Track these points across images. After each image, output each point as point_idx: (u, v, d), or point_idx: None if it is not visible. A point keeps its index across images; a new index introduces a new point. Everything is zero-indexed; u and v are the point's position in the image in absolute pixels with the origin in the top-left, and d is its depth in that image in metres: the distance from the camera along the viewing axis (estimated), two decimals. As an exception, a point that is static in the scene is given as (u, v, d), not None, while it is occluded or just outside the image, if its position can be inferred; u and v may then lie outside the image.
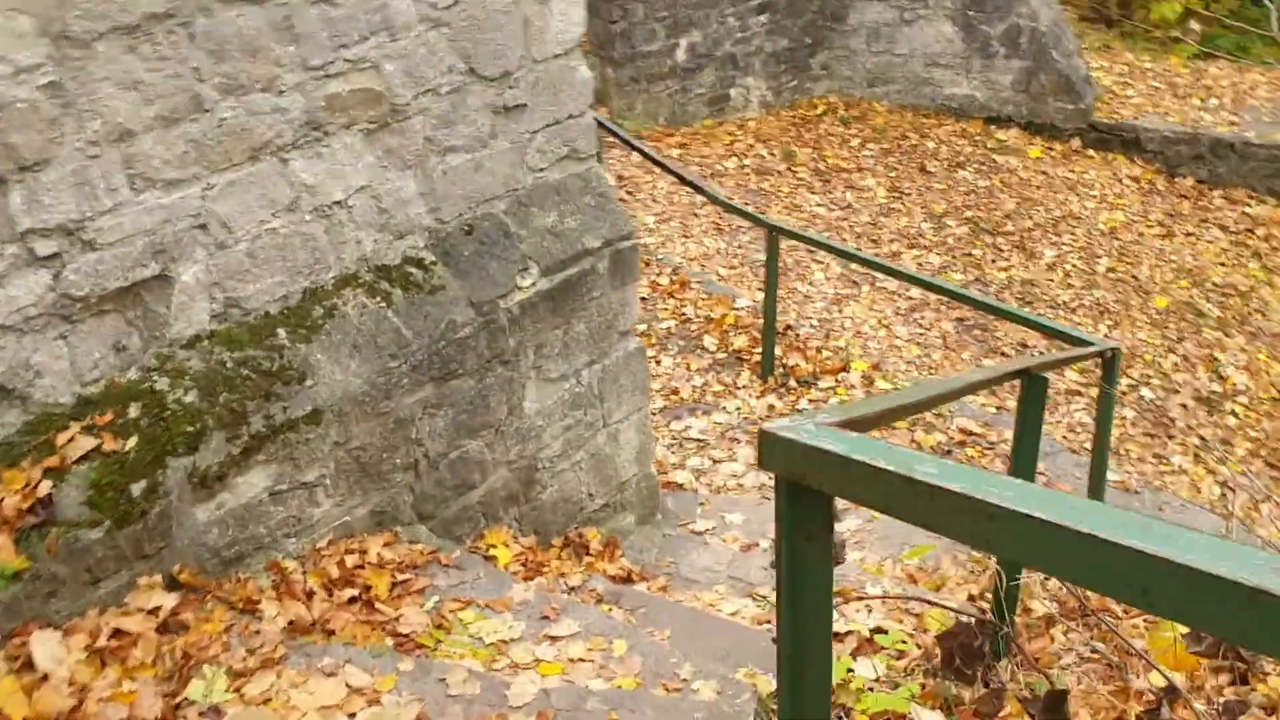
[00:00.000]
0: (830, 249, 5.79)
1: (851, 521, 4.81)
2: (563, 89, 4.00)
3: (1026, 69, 11.73)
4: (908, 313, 9.47)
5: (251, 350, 3.34)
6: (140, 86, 3.01)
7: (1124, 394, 8.84)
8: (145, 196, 3.10)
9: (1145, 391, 8.83)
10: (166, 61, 3.04)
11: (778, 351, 6.18)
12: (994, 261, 10.16)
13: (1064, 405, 8.26)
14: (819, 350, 6.34)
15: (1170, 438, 8.45)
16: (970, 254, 10.24)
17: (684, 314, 6.77)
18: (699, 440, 5.71)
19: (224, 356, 3.30)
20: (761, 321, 6.65)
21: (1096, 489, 4.39)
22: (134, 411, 3.14)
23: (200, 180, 3.20)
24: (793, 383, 6.08)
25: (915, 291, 9.77)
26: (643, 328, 6.72)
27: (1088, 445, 7.53)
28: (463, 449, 3.86)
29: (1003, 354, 9.06)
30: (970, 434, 5.60)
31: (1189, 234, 10.76)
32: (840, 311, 9.48)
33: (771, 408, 5.87)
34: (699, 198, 10.96)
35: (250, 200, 3.30)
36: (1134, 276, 10.03)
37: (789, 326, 6.59)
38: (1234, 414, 8.65)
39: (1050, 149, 11.79)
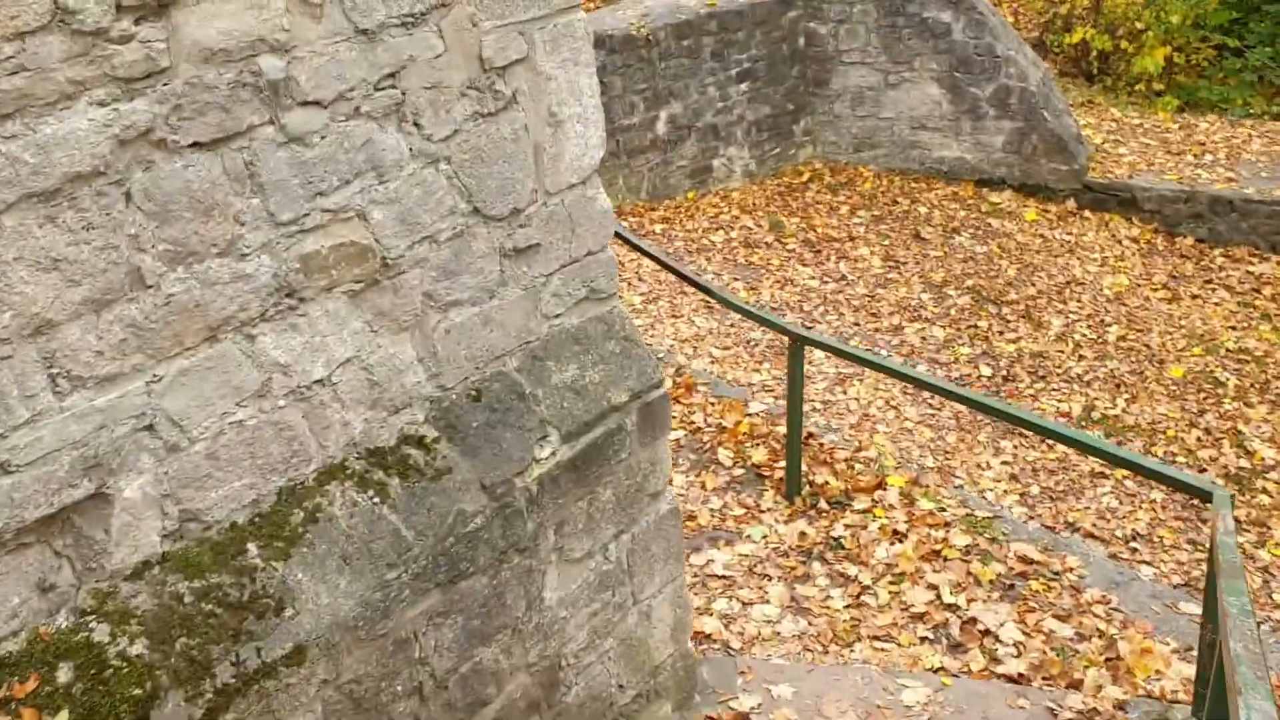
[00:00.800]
0: (869, 364, 5.15)
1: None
2: (581, 223, 3.33)
3: (1018, 130, 11.22)
4: (915, 392, 8.84)
5: (215, 576, 2.63)
6: (62, 265, 2.31)
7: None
8: (73, 400, 2.40)
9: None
10: (96, 231, 2.35)
11: (803, 467, 5.51)
12: (1001, 333, 9.58)
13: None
14: (849, 464, 5.68)
15: (1203, 522, 7.84)
16: (975, 325, 9.65)
17: (693, 422, 6.11)
18: (724, 577, 5.02)
19: (180, 588, 2.59)
20: (780, 429, 5.98)
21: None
22: (64, 674, 2.41)
23: (144, 372, 2.50)
24: (823, 503, 5.41)
25: (920, 368, 9.17)
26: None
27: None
28: (475, 660, 3.15)
29: (1021, 435, 8.45)
30: (1031, 562, 4.95)
31: (1195, 296, 10.23)
32: (844, 393, 8.85)
33: (803, 535, 5.20)
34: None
35: (208, 390, 2.61)
36: (1145, 345, 9.47)
37: (810, 434, 5.93)
38: (1265, 491, 8.06)
39: (1045, 211, 11.28)
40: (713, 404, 6.26)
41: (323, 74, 2.64)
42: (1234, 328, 9.78)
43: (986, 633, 4.56)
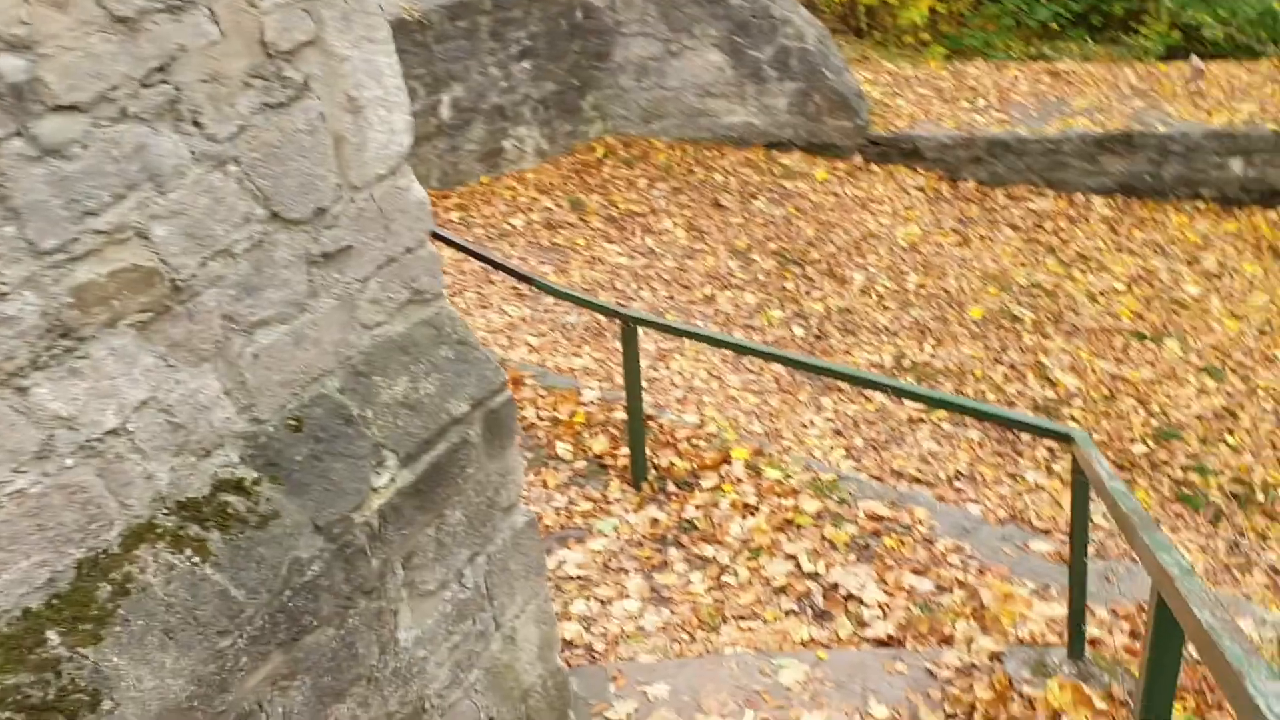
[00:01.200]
0: (704, 338, 4.95)
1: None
2: (394, 218, 2.98)
3: (800, 90, 11.30)
4: (735, 360, 8.79)
5: (11, 676, 2.19)
6: None
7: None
8: None
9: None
10: None
11: (646, 451, 5.29)
12: (808, 293, 9.63)
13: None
14: (691, 442, 5.50)
15: (1019, 454, 8.07)
16: (784, 288, 9.67)
17: (525, 418, 5.81)
18: (579, 578, 4.75)
19: (-34, 699, 2.15)
20: (616, 415, 5.75)
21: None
22: None
23: (-112, 449, 2.05)
24: (671, 486, 5.21)
25: (736, 335, 9.12)
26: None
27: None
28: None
29: (839, 390, 8.50)
30: (880, 519, 4.88)
31: (983, 237, 10.55)
32: (667, 368, 8.71)
33: (655, 522, 4.99)
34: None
35: (-25, 460, 2.16)
36: (944, 290, 9.69)
37: (649, 417, 5.72)
38: (1073, 419, 8.36)
39: (835, 169, 11.42)
40: (543, 396, 5.97)
41: (77, 72, 2.20)
42: (1023, 264, 10.12)
43: (850, 597, 4.46)
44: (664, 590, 4.63)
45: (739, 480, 5.15)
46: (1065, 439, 3.49)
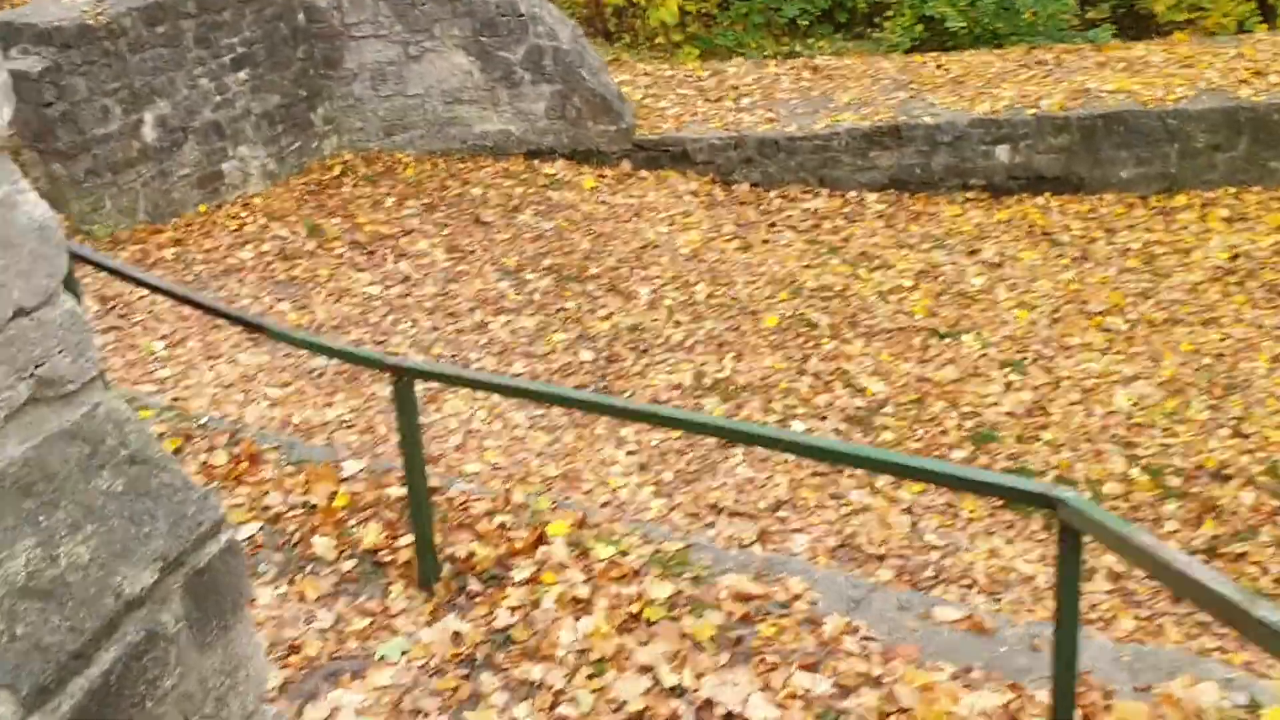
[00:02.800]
0: (503, 389, 3.66)
1: None
2: (-16, 255, 1.61)
3: (559, 93, 10.17)
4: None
5: None
6: None
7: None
8: None
9: (796, 424, 7.55)
10: None
11: (435, 538, 3.98)
12: (592, 312, 8.49)
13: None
14: (491, 517, 4.21)
15: (840, 472, 7.21)
16: (564, 308, 8.49)
17: (269, 507, 4.37)
18: (363, 731, 3.40)
19: None
20: (391, 491, 4.39)
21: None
22: None
23: None
24: (473, 584, 3.91)
25: (518, 366, 7.88)
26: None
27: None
28: None
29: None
30: (749, 598, 3.76)
31: (765, 241, 9.72)
32: (439, 411, 7.37)
33: (457, 637, 3.68)
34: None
35: None
36: (734, 298, 8.78)
37: (433, 489, 4.41)
38: (887, 428, 7.59)
39: (603, 176, 10.34)
40: (291, 475, 4.54)
41: None
42: (809, 267, 9.35)
43: (730, 716, 3.32)
44: (482, 737, 3.35)
45: (563, 566, 3.92)
46: (1050, 504, 2.47)
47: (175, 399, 7.39)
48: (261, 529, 4.30)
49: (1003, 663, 3.46)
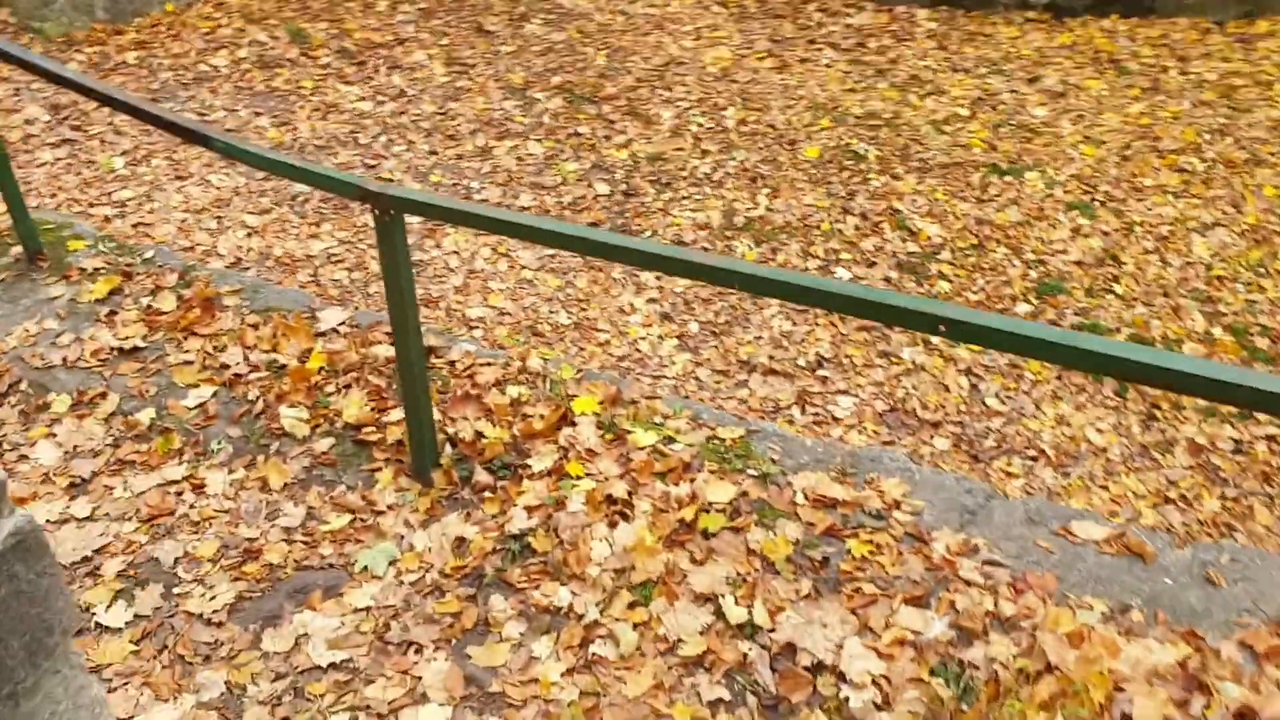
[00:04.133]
0: (505, 226, 2.67)
1: None
2: None
3: (573, -118, 8.80)
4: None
5: None
6: None
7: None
8: None
9: (840, 271, 6.60)
10: None
11: (435, 414, 3.07)
12: (608, 138, 7.41)
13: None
14: (502, 388, 3.30)
15: (890, 328, 6.31)
16: (577, 133, 7.40)
17: (226, 366, 3.46)
18: (336, 667, 2.57)
19: None
20: (380, 350, 3.47)
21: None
22: None
23: None
24: (481, 473, 3.03)
25: (524, 199, 6.86)
26: (146, 415, 3.33)
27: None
28: None
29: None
30: (834, 504, 2.89)
31: (803, 60, 8.55)
32: (438, 248, 6.41)
33: (461, 544, 2.83)
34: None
35: None
36: (770, 125, 7.68)
37: (432, 349, 3.48)
38: (943, 275, 6.64)
39: (621, -19, 9.07)
40: (255, 325, 3.62)
41: None
42: (852, 90, 8.22)
43: (819, 668, 2.49)
44: (488, 682, 2.53)
45: (592, 453, 3.04)
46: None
47: (136, 224, 6.39)
48: (215, 395, 3.40)
49: (1170, 600, 2.61)
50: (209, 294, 3.74)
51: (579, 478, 2.97)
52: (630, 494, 2.90)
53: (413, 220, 6.51)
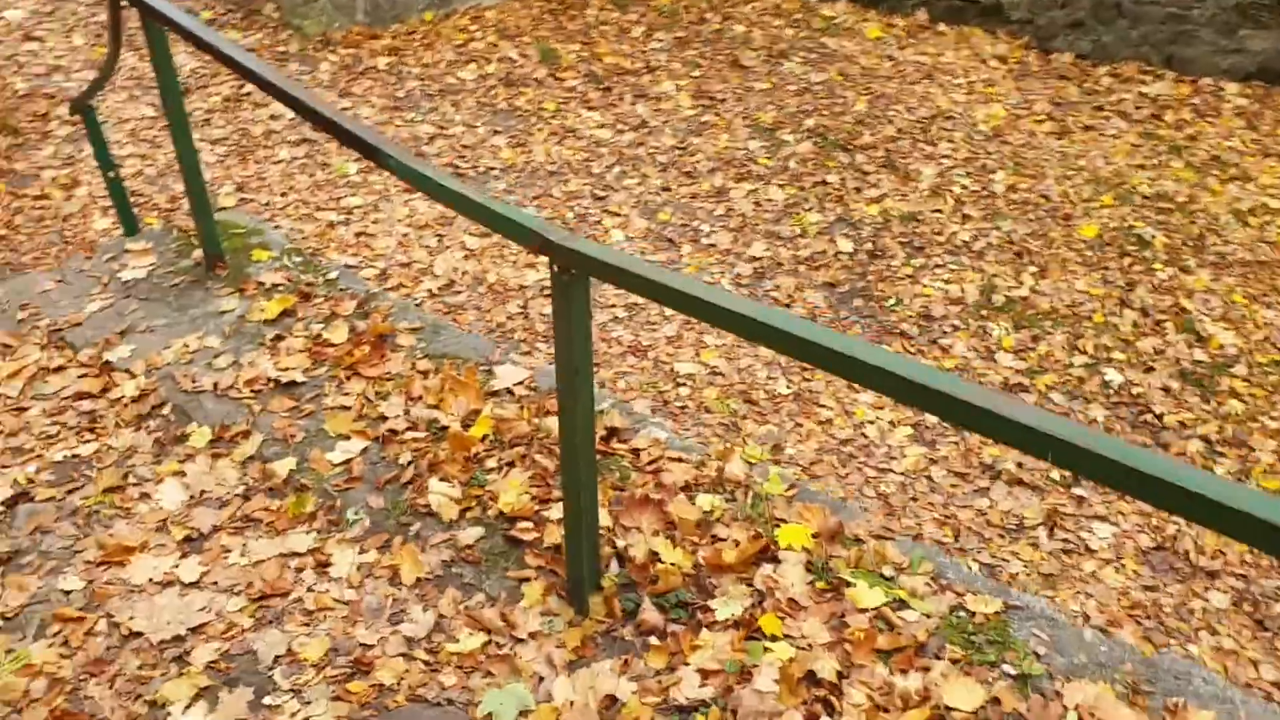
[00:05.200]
0: (688, 303, 1.96)
1: None
2: None
3: (854, -83, 8.09)
4: (755, 279, 5.90)
5: None
6: None
7: (1082, 381, 5.56)
8: None
9: (1110, 374, 5.57)
10: None
11: (602, 517, 2.40)
12: (858, 190, 6.62)
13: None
14: (691, 492, 2.60)
15: (1164, 446, 5.25)
16: (824, 181, 6.66)
17: (382, 418, 2.90)
18: None
19: None
20: (555, 424, 2.84)
21: None
22: None
23: None
24: (649, 610, 2.33)
25: (757, 247, 6.16)
26: (285, 466, 2.79)
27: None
28: None
29: (903, 336, 5.64)
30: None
31: (1087, 128, 7.50)
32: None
33: (611, 703, 2.14)
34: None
35: None
36: (1043, 195, 6.70)
37: (614, 432, 2.82)
38: (1235, 394, 5.49)
39: (891, 25, 8.27)
40: (425, 374, 3.07)
41: None
42: (1142, 166, 7.12)
43: None
44: None
45: (795, 606, 2.30)
46: None
47: (359, 233, 6.09)
48: (364, 452, 2.85)
49: None
50: (383, 329, 3.22)
51: (774, 639, 2.22)
52: (841, 676, 2.14)
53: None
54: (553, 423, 2.83)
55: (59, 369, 3.22)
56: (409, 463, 2.77)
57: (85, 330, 3.39)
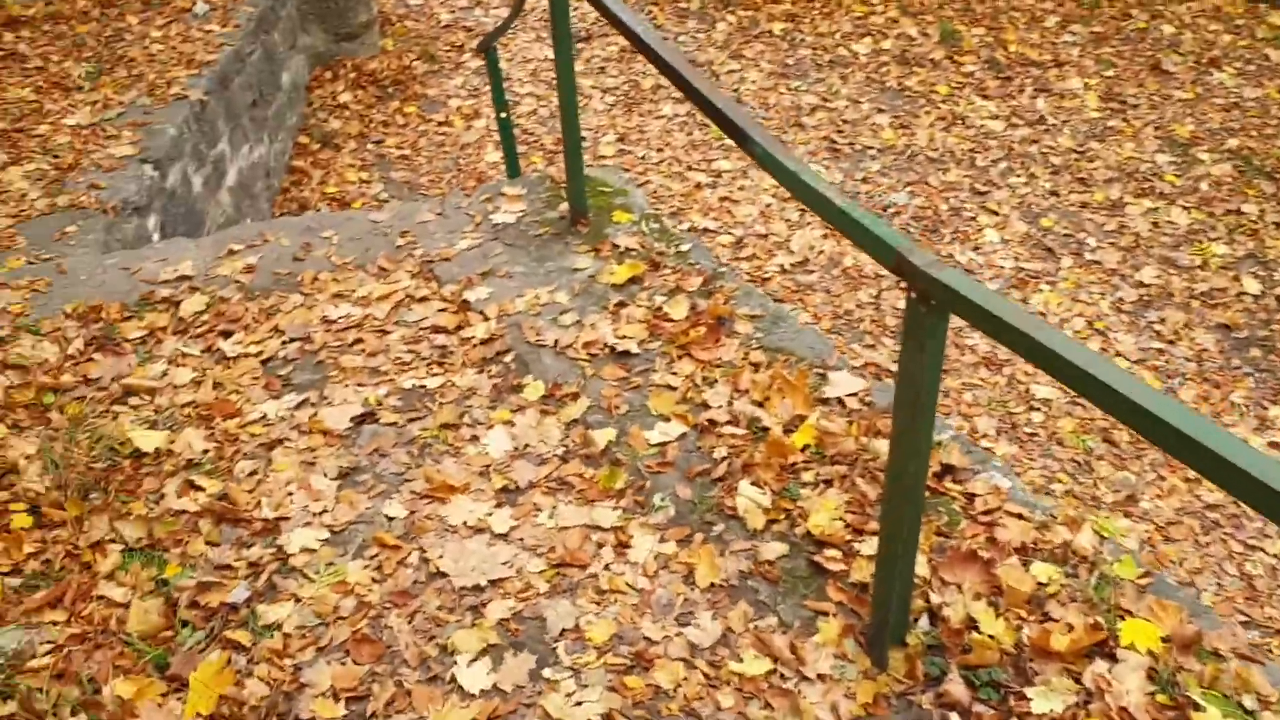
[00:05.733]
0: (1069, 373, 1.71)
1: None
2: None
3: (1336, -89, 6.97)
4: (1139, 307, 5.29)
5: None
6: None
7: None
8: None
9: None
10: None
11: (919, 559, 2.16)
12: (1279, 227, 5.77)
13: None
14: (1026, 555, 2.29)
15: None
16: (1239, 211, 5.84)
17: (705, 405, 2.78)
18: None
19: None
20: (884, 448, 2.61)
21: None
22: None
23: None
24: (955, 682, 2.08)
25: (1147, 273, 5.51)
26: (605, 436, 2.75)
27: None
28: None
29: (1307, 404, 4.85)
30: None
31: None
32: (1025, 303, 5.33)
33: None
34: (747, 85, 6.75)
35: None
36: None
37: (949, 469, 2.56)
38: None
39: (1359, 39, 7.11)
40: (756, 367, 2.93)
41: None
42: None
43: None
44: None
45: (1126, 717, 1.97)
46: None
47: (723, 198, 6.04)
48: (682, 437, 2.75)
49: None
50: (722, 312, 3.11)
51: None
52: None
53: (985, 262, 5.51)
54: (882, 446, 2.60)
55: (423, 299, 3.37)
56: (723, 459, 2.65)
57: (452, 266, 3.53)
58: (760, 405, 2.77)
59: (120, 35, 5.33)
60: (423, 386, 3.02)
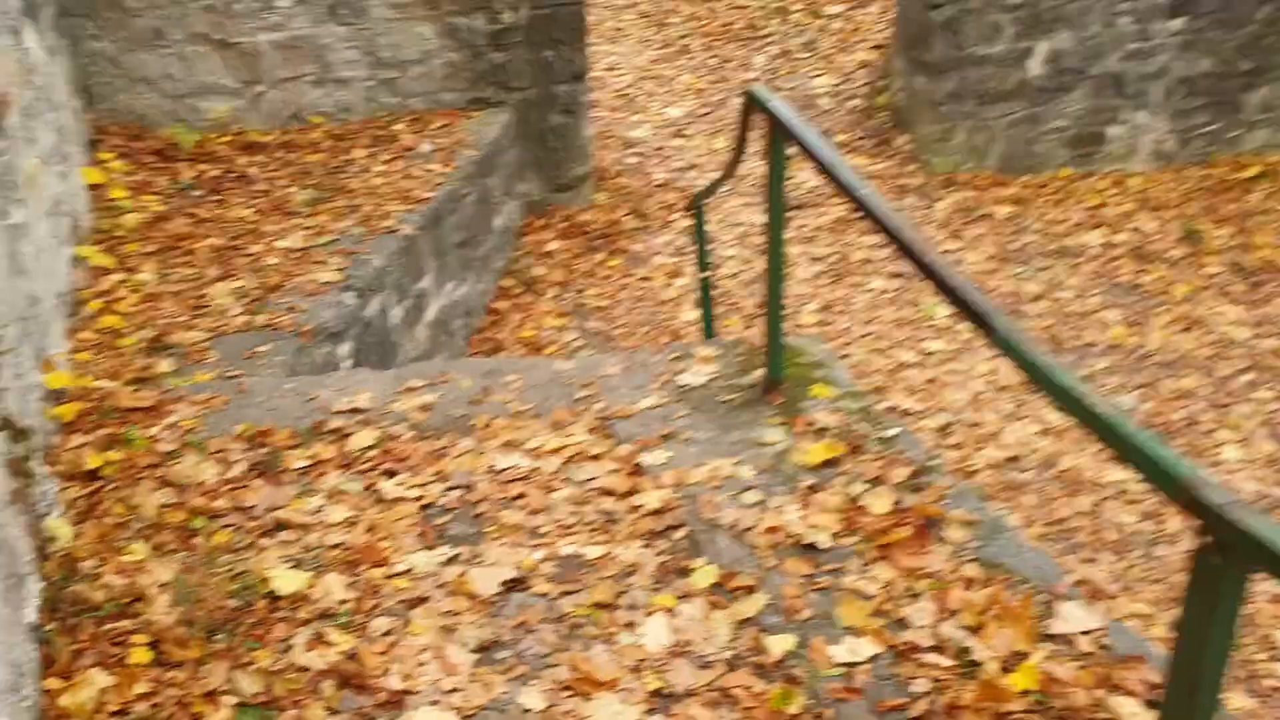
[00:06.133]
0: None
1: None
2: None
3: None
4: None
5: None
6: None
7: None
8: None
9: None
10: None
11: None
12: None
13: None
14: None
15: None
16: None
17: (903, 624, 2.33)
18: None
19: None
20: (1126, 708, 2.10)
21: None
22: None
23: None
24: None
25: None
26: (781, 645, 2.34)
27: None
28: None
29: None
30: None
31: None
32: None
33: None
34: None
35: None
36: None
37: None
38: None
39: None
40: (969, 583, 2.47)
41: None
42: None
43: None
44: None
45: None
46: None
47: (930, 379, 5.62)
48: (873, 660, 2.31)
49: None
50: (932, 512, 2.69)
51: None
52: None
53: (1221, 482, 4.85)
54: (1123, 706, 2.09)
55: (595, 457, 3.10)
56: (924, 694, 2.20)
57: (631, 425, 3.25)
58: (973, 632, 2.32)
59: (344, 167, 5.48)
60: (580, 555, 2.71)
